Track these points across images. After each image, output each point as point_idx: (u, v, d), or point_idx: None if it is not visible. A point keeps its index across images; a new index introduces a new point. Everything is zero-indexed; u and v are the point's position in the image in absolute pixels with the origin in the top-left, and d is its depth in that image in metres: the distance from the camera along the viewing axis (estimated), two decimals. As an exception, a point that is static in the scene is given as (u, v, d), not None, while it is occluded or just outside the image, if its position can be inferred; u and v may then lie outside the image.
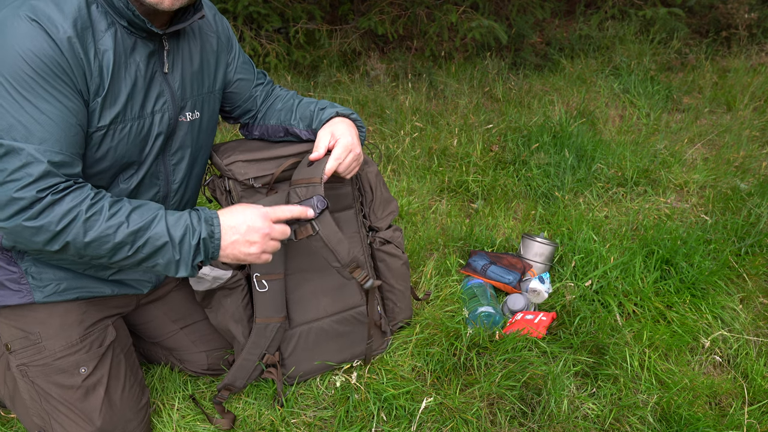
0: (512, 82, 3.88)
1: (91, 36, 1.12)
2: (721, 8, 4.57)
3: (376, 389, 1.61)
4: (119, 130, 1.21)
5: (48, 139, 1.08)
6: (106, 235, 1.13)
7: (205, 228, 1.20)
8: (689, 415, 1.54)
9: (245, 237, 1.23)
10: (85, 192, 1.13)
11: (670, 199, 2.61)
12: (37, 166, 1.07)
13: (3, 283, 1.32)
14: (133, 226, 1.14)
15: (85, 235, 1.12)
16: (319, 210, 1.32)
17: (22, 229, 1.09)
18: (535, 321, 1.81)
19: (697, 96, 3.75)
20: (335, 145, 1.43)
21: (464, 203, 2.63)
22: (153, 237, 1.16)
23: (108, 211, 1.13)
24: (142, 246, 1.16)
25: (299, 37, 3.82)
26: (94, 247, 1.13)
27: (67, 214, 1.10)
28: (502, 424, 1.56)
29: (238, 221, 1.23)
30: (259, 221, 1.24)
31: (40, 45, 1.05)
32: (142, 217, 1.16)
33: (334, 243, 1.39)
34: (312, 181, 1.36)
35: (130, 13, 1.14)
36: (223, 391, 1.59)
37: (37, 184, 1.07)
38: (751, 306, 1.98)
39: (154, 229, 1.16)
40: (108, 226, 1.13)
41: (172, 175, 1.40)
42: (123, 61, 1.18)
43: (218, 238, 1.21)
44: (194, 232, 1.19)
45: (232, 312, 1.53)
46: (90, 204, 1.12)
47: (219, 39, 1.43)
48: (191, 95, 1.36)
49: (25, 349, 1.36)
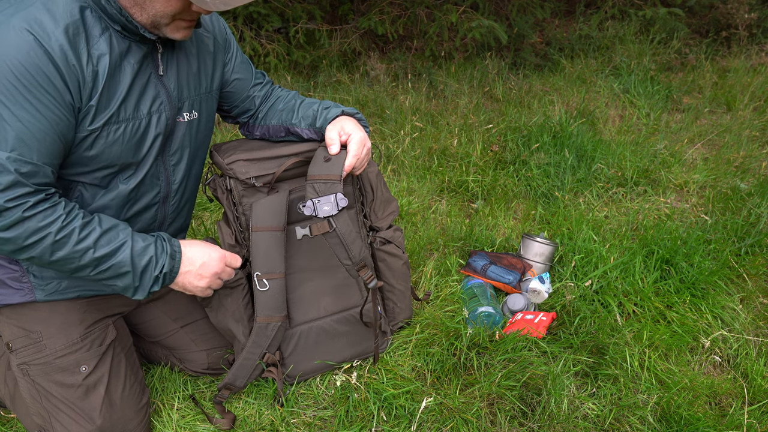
0: (512, 82, 3.88)
1: (84, 41, 1.13)
2: (721, 8, 4.58)
3: (376, 389, 1.61)
4: (113, 132, 1.22)
5: (18, 147, 1.09)
6: (71, 258, 1.18)
7: (168, 262, 1.29)
8: (689, 415, 1.54)
9: (198, 271, 1.35)
10: (58, 212, 1.16)
11: (670, 199, 2.61)
12: (6, 175, 1.08)
13: (4, 282, 1.33)
14: (99, 252, 1.20)
15: (51, 255, 1.17)
16: (339, 208, 1.36)
17: None
18: (535, 321, 1.81)
19: (697, 96, 3.75)
20: (349, 140, 1.43)
21: (464, 203, 2.63)
22: (117, 264, 1.23)
23: (78, 235, 1.18)
24: (104, 270, 1.23)
25: (299, 37, 3.82)
26: (58, 264, 1.19)
27: (36, 232, 1.14)
28: (502, 424, 1.56)
29: (196, 256, 1.34)
30: (215, 262, 1.37)
31: (29, 56, 1.06)
32: (109, 243, 1.22)
33: (349, 241, 1.44)
34: (331, 177, 1.38)
35: (123, 19, 1.15)
36: (224, 391, 1.59)
37: (5, 194, 1.09)
38: (751, 306, 1.98)
39: (119, 257, 1.23)
40: (75, 250, 1.18)
41: (172, 176, 1.40)
42: (118, 64, 1.19)
43: (176, 271, 1.31)
44: (157, 264, 1.27)
45: (232, 311, 1.53)
46: (60, 226, 1.16)
47: (215, 40, 1.43)
48: (188, 96, 1.36)
49: (26, 347, 1.36)
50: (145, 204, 1.37)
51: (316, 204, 1.37)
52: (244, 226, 1.51)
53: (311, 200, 1.37)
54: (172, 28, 1.18)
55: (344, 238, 1.43)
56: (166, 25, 1.17)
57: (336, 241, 1.43)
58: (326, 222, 1.38)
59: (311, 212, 1.37)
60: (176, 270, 1.31)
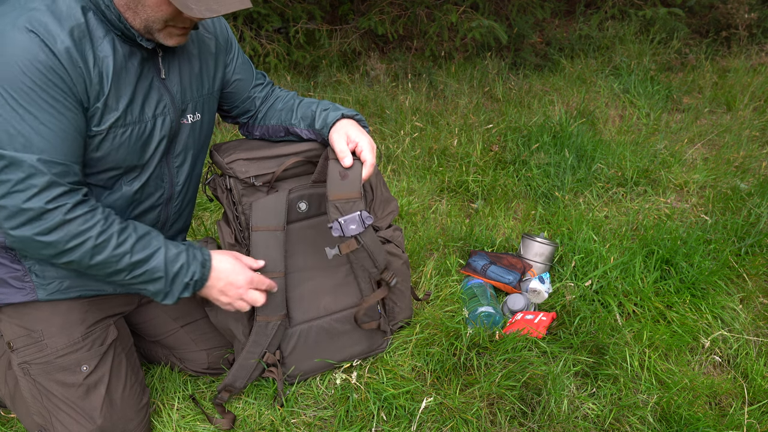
0: (512, 82, 3.88)
1: (89, 43, 1.13)
2: (721, 8, 4.58)
3: (376, 389, 1.61)
4: (120, 134, 1.23)
5: (47, 149, 1.11)
6: (109, 262, 1.21)
7: (198, 270, 1.32)
8: (689, 415, 1.54)
9: (222, 288, 1.37)
10: (97, 216, 1.19)
11: (670, 199, 2.61)
12: (41, 177, 1.10)
13: (6, 281, 1.33)
14: (136, 257, 1.23)
15: (91, 258, 1.19)
16: (365, 225, 1.38)
17: (31, 241, 1.15)
18: (535, 321, 1.81)
19: (697, 96, 3.75)
20: (359, 149, 1.41)
21: (464, 203, 2.63)
22: (151, 270, 1.26)
23: (116, 240, 1.21)
24: (138, 275, 1.25)
25: (299, 37, 3.82)
26: (96, 269, 1.22)
27: (77, 236, 1.16)
28: (502, 424, 1.56)
29: (223, 274, 1.37)
30: (242, 281, 1.39)
31: (38, 56, 1.07)
32: (145, 249, 1.25)
33: (376, 253, 1.47)
34: (352, 196, 1.37)
35: (122, 26, 1.16)
36: (223, 393, 1.59)
37: (44, 195, 1.11)
38: (751, 306, 1.98)
39: (153, 263, 1.26)
40: (114, 254, 1.21)
41: (176, 177, 1.41)
42: (122, 66, 1.19)
43: (206, 279, 1.34)
44: (188, 271, 1.30)
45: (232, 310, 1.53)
46: (100, 230, 1.19)
47: (217, 41, 1.44)
48: (191, 98, 1.37)
49: (27, 347, 1.36)
50: (148, 205, 1.38)
51: (343, 224, 1.37)
52: (244, 226, 1.51)
53: (336, 221, 1.36)
54: (164, 34, 1.18)
55: (371, 252, 1.45)
56: (158, 31, 1.17)
57: (364, 255, 1.45)
58: (354, 240, 1.39)
59: (339, 233, 1.36)
60: (205, 278, 1.34)
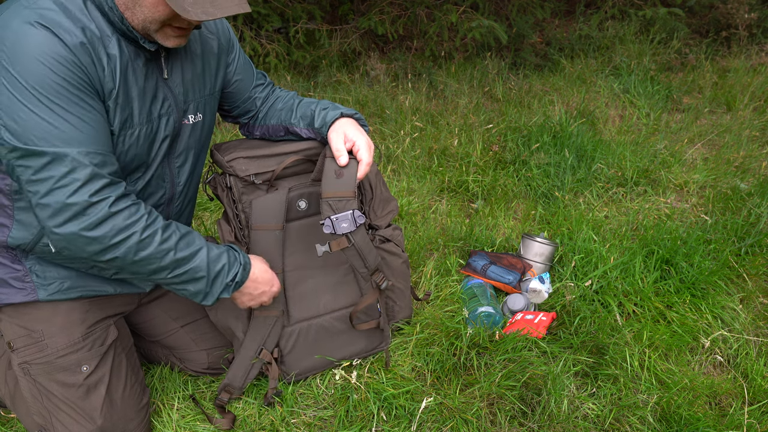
0: (512, 82, 3.88)
1: (100, 41, 1.14)
2: (721, 8, 4.58)
3: (376, 389, 1.61)
4: (129, 135, 1.24)
5: (85, 141, 1.11)
6: (154, 258, 1.20)
7: (240, 273, 1.34)
8: (689, 415, 1.54)
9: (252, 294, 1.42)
10: (141, 211, 1.19)
11: (670, 199, 2.61)
12: (83, 169, 1.10)
13: (7, 281, 1.33)
14: (180, 255, 1.24)
15: (135, 254, 1.18)
16: (357, 224, 1.38)
17: (77, 237, 1.13)
18: (535, 321, 1.81)
19: (697, 96, 3.75)
20: (355, 148, 1.42)
21: (464, 203, 2.63)
22: (193, 269, 1.26)
23: (161, 236, 1.21)
24: (181, 273, 1.25)
25: (299, 37, 3.82)
26: (139, 265, 1.20)
27: (123, 230, 1.16)
28: (502, 424, 1.56)
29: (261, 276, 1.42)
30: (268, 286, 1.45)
31: (60, 51, 1.07)
32: (188, 247, 1.25)
33: (366, 252, 1.47)
34: (345, 194, 1.38)
35: (124, 28, 1.16)
36: (223, 394, 1.59)
37: (87, 188, 1.11)
38: (751, 306, 1.98)
39: (196, 262, 1.26)
40: (159, 250, 1.20)
41: (177, 177, 1.42)
42: (129, 66, 1.20)
43: (244, 282, 1.36)
44: (229, 272, 1.31)
45: (232, 308, 1.54)
46: (145, 225, 1.19)
47: (219, 41, 1.44)
48: (194, 98, 1.38)
49: (27, 347, 1.36)
50: (150, 205, 1.38)
51: (334, 222, 1.37)
52: (244, 224, 1.51)
53: (329, 218, 1.37)
54: (161, 35, 1.18)
55: (362, 251, 1.45)
56: (155, 32, 1.17)
57: (353, 253, 1.45)
58: (345, 238, 1.40)
59: (330, 230, 1.37)
60: (244, 280, 1.36)
